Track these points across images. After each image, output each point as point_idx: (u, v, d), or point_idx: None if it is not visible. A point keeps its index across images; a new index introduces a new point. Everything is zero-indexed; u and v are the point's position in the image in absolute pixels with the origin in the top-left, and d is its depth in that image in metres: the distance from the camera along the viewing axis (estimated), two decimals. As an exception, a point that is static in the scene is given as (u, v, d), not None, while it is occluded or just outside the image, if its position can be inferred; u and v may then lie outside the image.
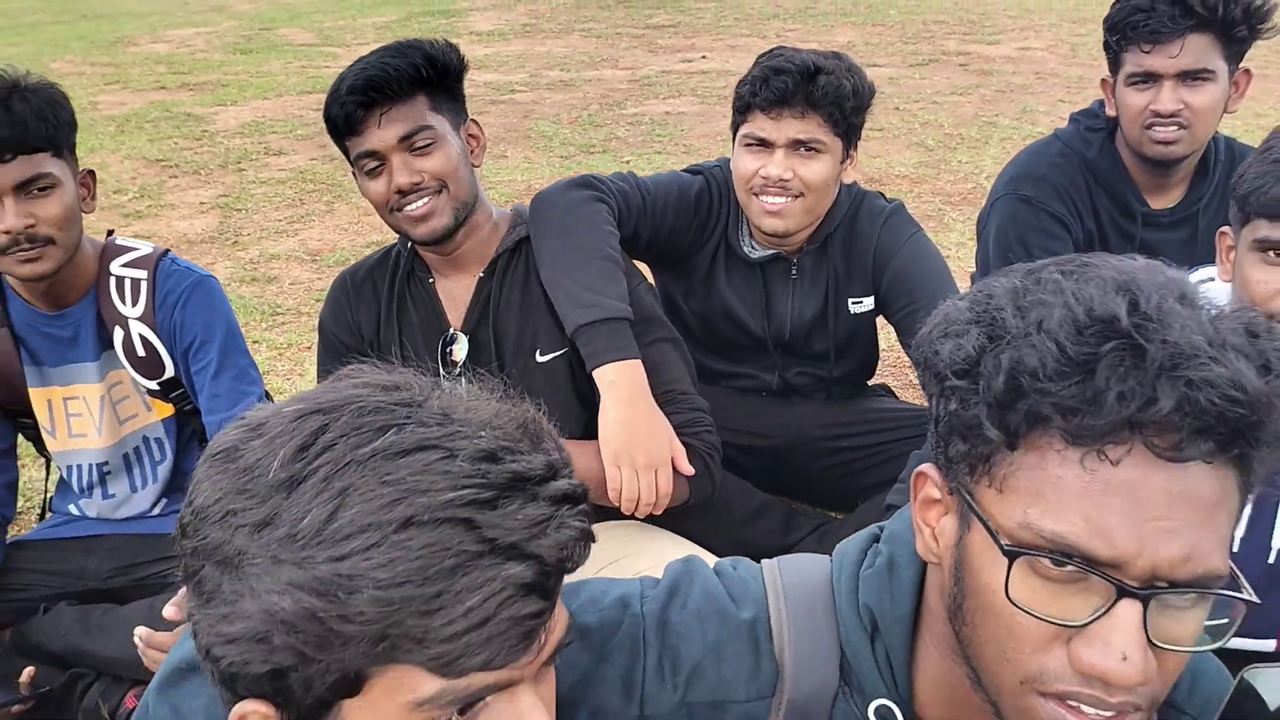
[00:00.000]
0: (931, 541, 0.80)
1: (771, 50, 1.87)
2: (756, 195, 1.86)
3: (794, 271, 1.99)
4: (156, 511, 2.01)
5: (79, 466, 1.98)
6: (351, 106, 1.61)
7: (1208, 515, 0.67)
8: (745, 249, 1.99)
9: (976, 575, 0.73)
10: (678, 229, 1.97)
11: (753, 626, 0.88)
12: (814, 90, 1.75)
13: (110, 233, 1.95)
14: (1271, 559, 1.49)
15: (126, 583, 1.93)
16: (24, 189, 1.68)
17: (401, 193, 1.65)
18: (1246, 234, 1.39)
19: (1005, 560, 0.70)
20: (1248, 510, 1.43)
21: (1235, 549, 1.51)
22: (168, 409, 1.97)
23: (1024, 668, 0.71)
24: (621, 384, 1.64)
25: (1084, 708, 0.70)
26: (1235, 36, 1.90)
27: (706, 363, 2.13)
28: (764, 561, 0.93)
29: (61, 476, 2.05)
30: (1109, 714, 0.69)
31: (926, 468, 0.80)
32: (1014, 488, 0.70)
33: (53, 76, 1.87)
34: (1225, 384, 0.63)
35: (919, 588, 0.84)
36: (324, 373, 1.98)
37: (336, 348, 1.88)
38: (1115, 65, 2.01)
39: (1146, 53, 1.93)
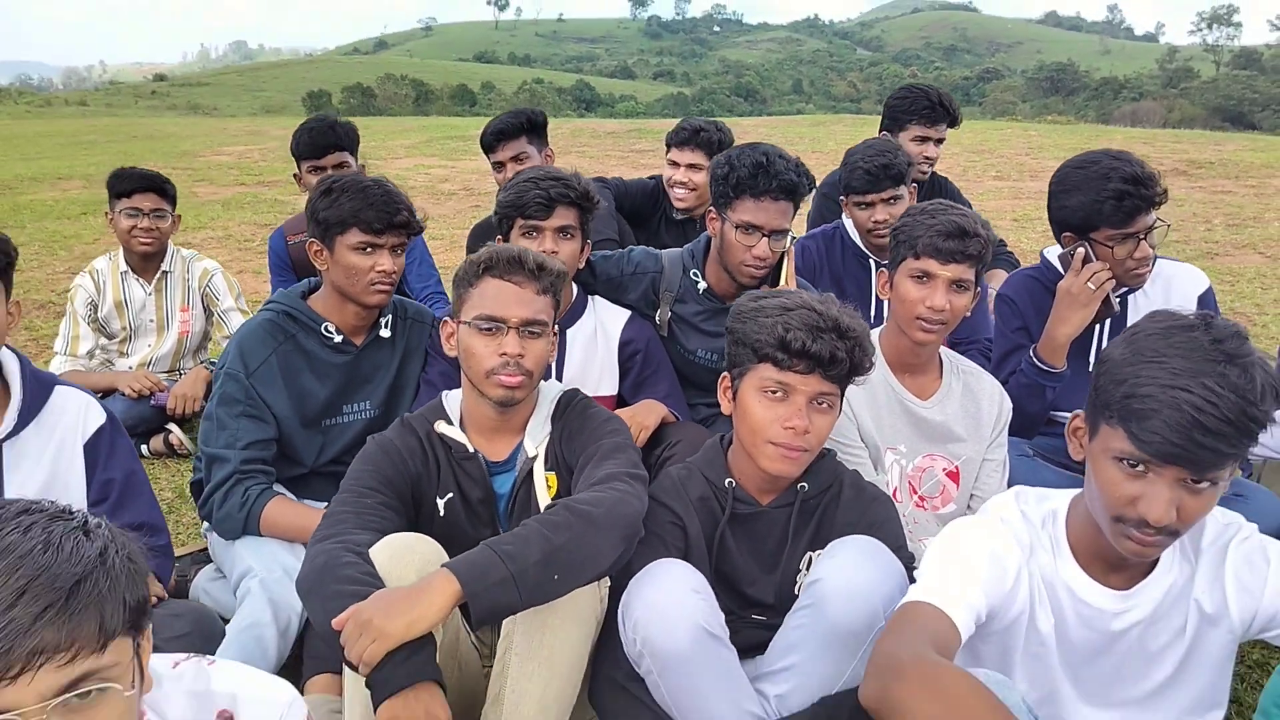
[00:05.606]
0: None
1: (681, 120, 4.09)
2: (673, 188, 4.03)
3: (698, 225, 4.13)
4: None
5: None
6: (494, 137, 3.80)
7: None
8: (673, 214, 4.15)
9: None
10: (639, 203, 4.15)
11: (657, 255, 3.05)
12: (698, 137, 3.95)
13: None
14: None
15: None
16: (338, 170, 3.81)
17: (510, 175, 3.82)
18: (858, 213, 3.51)
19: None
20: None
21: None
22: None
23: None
24: None
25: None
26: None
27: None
28: None
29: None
30: None
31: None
32: (731, 218, 2.83)
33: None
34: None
35: (709, 240, 2.96)
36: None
37: None
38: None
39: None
